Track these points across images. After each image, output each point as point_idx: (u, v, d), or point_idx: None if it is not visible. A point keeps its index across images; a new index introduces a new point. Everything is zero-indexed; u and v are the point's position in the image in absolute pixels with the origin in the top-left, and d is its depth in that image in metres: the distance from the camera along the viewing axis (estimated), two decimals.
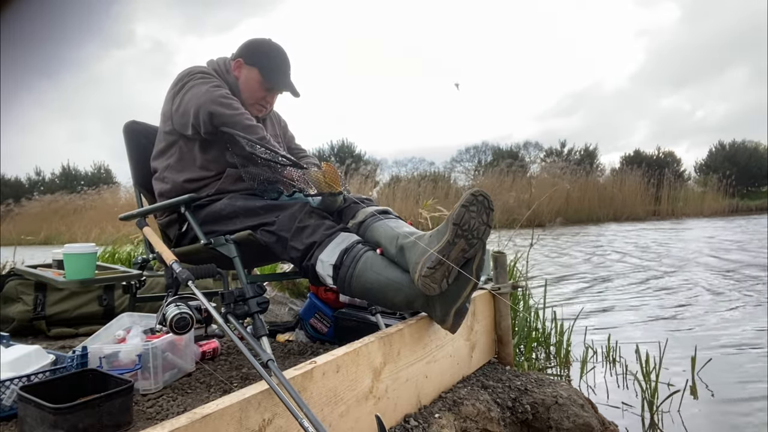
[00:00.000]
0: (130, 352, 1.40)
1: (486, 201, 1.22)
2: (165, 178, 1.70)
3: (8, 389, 1.23)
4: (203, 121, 1.58)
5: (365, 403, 1.15)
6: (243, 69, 1.76)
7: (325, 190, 1.47)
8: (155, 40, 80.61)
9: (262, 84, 1.75)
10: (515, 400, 1.53)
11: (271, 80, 1.75)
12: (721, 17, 75.36)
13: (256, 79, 1.74)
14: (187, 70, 1.70)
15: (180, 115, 1.64)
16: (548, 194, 10.06)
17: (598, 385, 2.21)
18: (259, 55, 1.75)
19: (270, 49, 1.77)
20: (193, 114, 1.59)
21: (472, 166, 22.68)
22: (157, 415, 1.25)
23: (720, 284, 4.38)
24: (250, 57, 1.75)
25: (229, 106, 1.59)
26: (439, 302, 1.27)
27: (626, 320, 3.31)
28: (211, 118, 1.58)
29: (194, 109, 1.59)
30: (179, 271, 1.25)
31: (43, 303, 2.18)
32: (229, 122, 1.57)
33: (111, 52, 62.89)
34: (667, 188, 16.30)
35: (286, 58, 1.78)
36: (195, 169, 1.67)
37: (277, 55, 1.77)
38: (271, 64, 1.75)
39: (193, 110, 1.59)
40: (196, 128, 1.61)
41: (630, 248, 7.55)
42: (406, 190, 12.29)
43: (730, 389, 2.13)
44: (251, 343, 1.12)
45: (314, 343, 2.00)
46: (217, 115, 1.57)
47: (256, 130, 1.59)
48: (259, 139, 1.57)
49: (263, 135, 1.60)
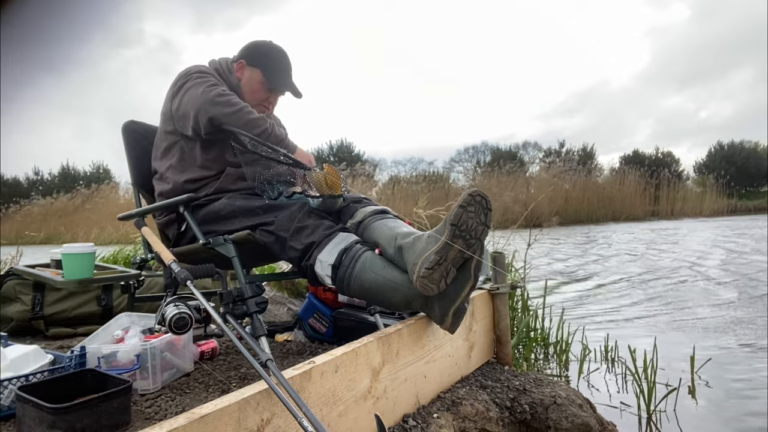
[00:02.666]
0: (128, 352, 1.40)
1: (484, 201, 1.22)
2: (167, 178, 1.70)
3: (6, 389, 1.23)
4: (203, 125, 1.59)
5: (364, 403, 1.15)
6: (246, 70, 1.76)
7: (326, 192, 1.47)
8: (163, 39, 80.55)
9: (265, 85, 1.75)
10: (514, 400, 1.53)
11: (274, 81, 1.76)
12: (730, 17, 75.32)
13: (259, 80, 1.75)
14: (185, 71, 1.70)
15: (180, 118, 1.65)
16: (545, 194, 10.06)
17: (596, 385, 2.21)
18: (261, 57, 1.76)
19: (272, 51, 1.78)
20: (193, 117, 1.60)
21: (471, 166, 22.69)
22: (155, 415, 1.25)
23: (719, 284, 4.39)
24: (253, 58, 1.76)
25: (227, 104, 1.58)
26: (438, 302, 1.27)
27: (625, 320, 3.31)
28: (211, 122, 1.58)
29: (193, 112, 1.59)
30: (178, 271, 1.25)
31: (42, 303, 2.18)
32: (229, 122, 1.57)
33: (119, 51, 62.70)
34: (666, 188, 16.32)
35: (288, 60, 1.79)
36: (196, 168, 1.67)
37: (279, 56, 1.78)
38: (273, 65, 1.76)
39: (192, 113, 1.60)
40: (197, 131, 1.62)
41: (629, 248, 7.56)
42: (405, 190, 12.30)
43: (729, 389, 2.13)
44: (250, 342, 1.12)
45: (313, 343, 2.00)
46: (216, 118, 1.57)
47: (258, 122, 1.59)
48: (261, 131, 1.58)
49: (266, 127, 1.60)
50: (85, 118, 43.19)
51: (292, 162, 1.56)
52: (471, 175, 18.72)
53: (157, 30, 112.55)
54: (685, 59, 64.68)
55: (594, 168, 18.65)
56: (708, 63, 62.00)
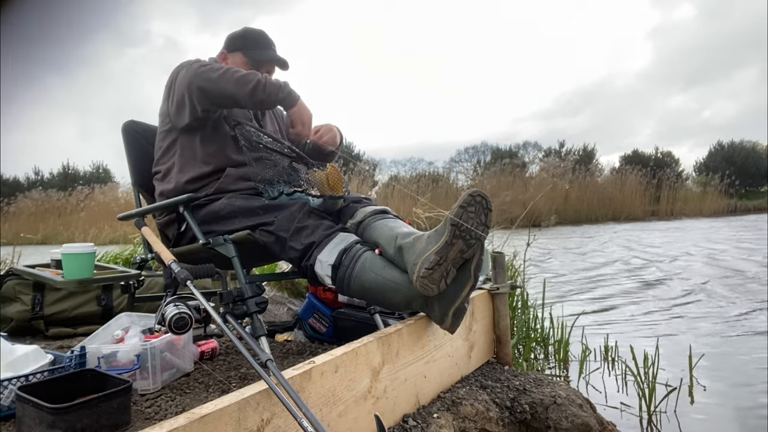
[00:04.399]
0: (128, 352, 1.40)
1: (484, 201, 1.22)
2: (169, 178, 1.70)
3: (6, 389, 1.23)
4: (197, 100, 1.58)
5: (364, 403, 1.15)
6: (228, 59, 1.80)
7: (328, 192, 1.47)
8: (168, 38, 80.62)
9: (247, 64, 1.77)
10: (514, 400, 1.53)
11: (254, 56, 1.77)
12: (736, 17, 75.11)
13: (242, 62, 1.77)
14: (176, 68, 1.71)
15: (175, 109, 1.64)
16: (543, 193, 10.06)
17: (596, 385, 2.21)
18: (238, 40, 1.79)
19: (247, 32, 1.81)
20: (187, 97, 1.59)
21: (471, 166, 22.68)
22: (155, 415, 1.25)
23: (719, 284, 4.39)
24: (231, 45, 1.80)
25: (211, 70, 1.56)
26: (438, 302, 1.27)
27: (625, 320, 3.31)
28: (203, 93, 1.56)
29: (186, 91, 1.59)
30: (178, 271, 1.25)
31: (42, 303, 2.18)
32: (219, 86, 1.54)
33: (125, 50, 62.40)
34: (666, 188, 16.32)
35: (265, 36, 1.81)
36: (197, 164, 1.66)
37: (256, 35, 1.80)
38: (251, 44, 1.78)
39: (186, 94, 1.59)
40: (194, 113, 1.60)
41: (628, 248, 7.56)
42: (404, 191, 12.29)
43: (728, 389, 2.13)
44: (250, 343, 1.12)
45: (313, 343, 2.00)
46: (204, 87, 1.55)
47: (248, 77, 1.55)
48: (255, 85, 1.53)
49: (258, 79, 1.56)
50: (90, 117, 43.12)
51: (296, 155, 1.56)
52: (471, 175, 18.72)
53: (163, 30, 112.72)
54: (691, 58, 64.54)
55: (594, 168, 18.65)
56: (713, 62, 61.86)
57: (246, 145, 1.56)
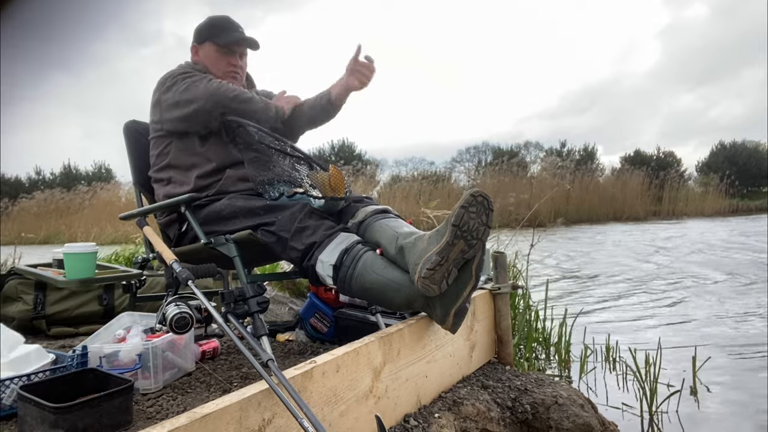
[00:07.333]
0: (130, 351, 1.40)
1: (485, 202, 1.22)
2: (180, 181, 1.70)
3: (8, 388, 1.23)
4: (214, 118, 1.64)
5: (365, 402, 1.15)
6: (199, 51, 1.81)
7: (329, 194, 1.47)
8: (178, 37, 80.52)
9: (218, 50, 1.78)
10: (515, 400, 1.53)
11: (224, 40, 1.78)
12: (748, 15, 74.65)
13: (213, 50, 1.79)
14: (167, 74, 1.72)
15: (185, 120, 1.66)
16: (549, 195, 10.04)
17: (598, 386, 2.21)
18: (204, 30, 1.81)
19: (212, 20, 1.82)
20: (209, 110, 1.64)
21: (472, 166, 22.66)
22: (156, 415, 1.25)
23: (720, 284, 4.38)
24: (199, 36, 1.81)
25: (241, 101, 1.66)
26: (439, 302, 1.27)
27: (626, 320, 3.31)
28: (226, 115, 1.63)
29: (209, 105, 1.64)
30: (179, 271, 1.26)
31: (43, 302, 2.18)
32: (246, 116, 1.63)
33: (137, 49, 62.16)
34: (668, 188, 16.27)
35: (230, 20, 1.82)
36: (197, 160, 1.67)
37: (220, 20, 1.81)
38: (217, 30, 1.79)
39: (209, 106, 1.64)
40: (207, 124, 1.67)
41: (630, 248, 7.55)
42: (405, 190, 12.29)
43: (730, 390, 2.13)
44: (251, 342, 1.12)
45: (314, 342, 2.00)
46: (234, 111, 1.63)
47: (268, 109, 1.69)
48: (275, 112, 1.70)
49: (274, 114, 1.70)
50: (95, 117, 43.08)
51: (302, 155, 1.56)
52: (472, 175, 18.69)
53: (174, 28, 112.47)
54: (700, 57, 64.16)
55: (596, 168, 18.61)
56: (722, 61, 61.38)
57: (242, 146, 1.57)
